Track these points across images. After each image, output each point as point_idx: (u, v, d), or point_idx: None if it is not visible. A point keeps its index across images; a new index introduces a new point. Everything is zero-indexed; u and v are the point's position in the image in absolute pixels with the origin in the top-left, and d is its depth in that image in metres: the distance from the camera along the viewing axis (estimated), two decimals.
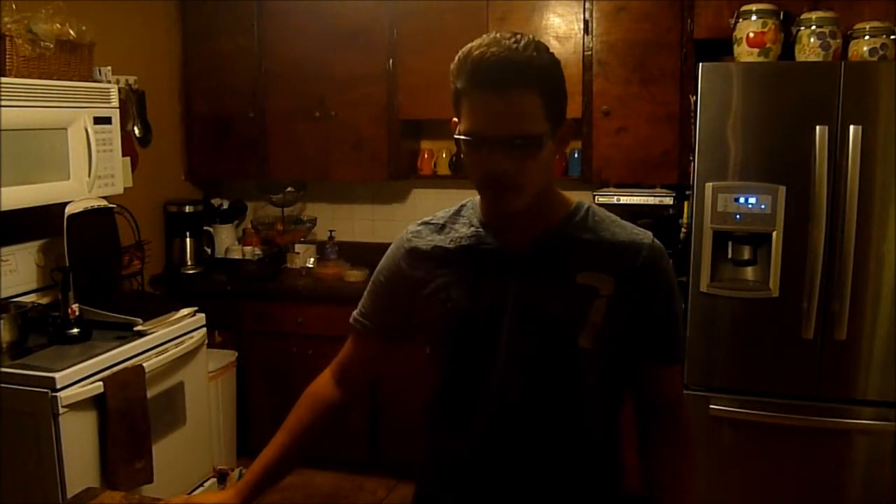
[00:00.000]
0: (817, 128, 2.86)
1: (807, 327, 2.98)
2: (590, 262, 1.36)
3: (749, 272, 3.11)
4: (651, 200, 3.62)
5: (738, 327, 3.08)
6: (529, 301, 1.37)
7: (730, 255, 3.11)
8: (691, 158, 3.14)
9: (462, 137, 1.28)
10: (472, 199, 1.47)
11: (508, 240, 1.39)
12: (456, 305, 1.41)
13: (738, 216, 3.01)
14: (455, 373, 1.47)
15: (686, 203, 3.46)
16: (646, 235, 1.40)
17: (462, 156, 1.32)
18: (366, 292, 1.56)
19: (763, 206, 2.97)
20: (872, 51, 3.00)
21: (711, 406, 3.10)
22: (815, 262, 2.93)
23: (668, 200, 3.61)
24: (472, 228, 1.43)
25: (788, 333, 3.01)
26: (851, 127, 2.84)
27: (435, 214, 1.52)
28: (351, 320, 1.57)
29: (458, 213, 1.49)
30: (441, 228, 1.48)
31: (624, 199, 3.63)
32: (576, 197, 1.45)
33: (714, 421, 3.11)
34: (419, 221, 1.52)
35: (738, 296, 3.07)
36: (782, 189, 2.95)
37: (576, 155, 3.88)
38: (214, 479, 3.47)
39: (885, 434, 2.98)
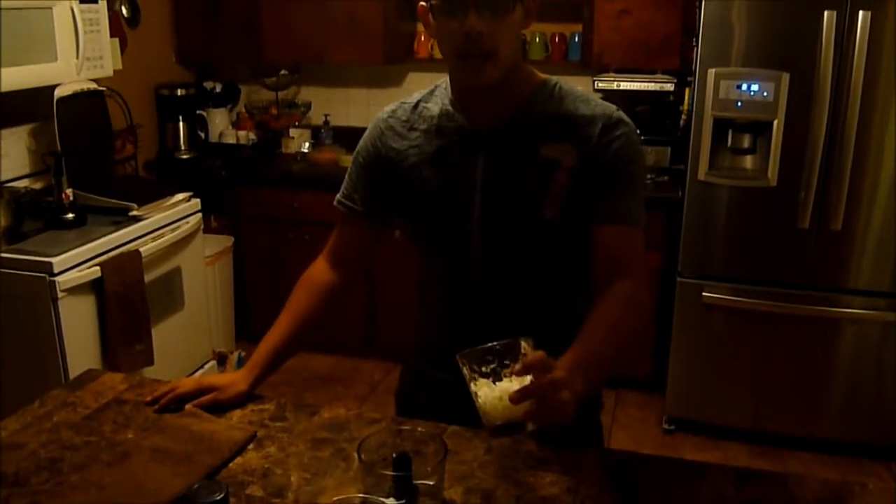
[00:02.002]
0: (825, 13, 2.79)
1: (803, 217, 2.98)
2: (553, 136, 1.39)
3: (748, 161, 3.09)
4: (651, 87, 3.55)
5: (733, 216, 3.08)
6: (496, 177, 1.40)
7: (729, 144, 3.08)
8: (694, 43, 3.07)
9: (436, 2, 1.30)
10: (445, 79, 1.49)
11: (477, 118, 1.42)
12: (427, 185, 1.45)
13: (739, 103, 2.96)
14: (433, 251, 1.53)
15: (687, 90, 3.41)
16: (608, 108, 1.42)
17: (436, 28, 1.34)
18: (347, 174, 1.58)
19: (765, 94, 2.92)
20: None
21: (704, 293, 3.14)
22: (815, 152, 2.91)
23: (669, 87, 3.54)
24: (443, 107, 1.46)
25: (784, 223, 3.02)
26: (860, 12, 2.76)
27: (411, 95, 1.54)
28: (335, 202, 1.58)
29: (431, 92, 1.52)
30: (415, 108, 1.51)
31: (624, 85, 3.57)
32: (546, 74, 1.47)
33: (706, 308, 3.16)
34: (396, 102, 1.55)
35: (735, 184, 3.06)
36: (786, 76, 2.89)
37: (576, 39, 3.78)
38: (214, 362, 3.54)
39: (874, 323, 3.04)
